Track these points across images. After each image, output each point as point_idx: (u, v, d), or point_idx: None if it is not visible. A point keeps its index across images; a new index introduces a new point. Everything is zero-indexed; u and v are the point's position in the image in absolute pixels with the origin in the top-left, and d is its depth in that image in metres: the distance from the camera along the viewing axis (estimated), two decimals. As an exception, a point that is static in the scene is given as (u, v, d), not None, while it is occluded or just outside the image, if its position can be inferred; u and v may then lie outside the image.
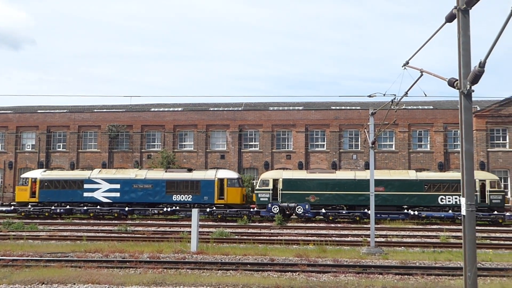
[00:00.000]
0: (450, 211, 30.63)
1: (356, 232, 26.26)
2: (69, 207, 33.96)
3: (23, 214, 33.70)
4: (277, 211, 31.18)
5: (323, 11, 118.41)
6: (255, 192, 33.43)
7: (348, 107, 44.06)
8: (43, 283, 12.77)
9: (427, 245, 20.63)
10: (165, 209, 32.91)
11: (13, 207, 34.95)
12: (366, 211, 30.35)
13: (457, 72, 7.16)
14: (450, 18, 7.91)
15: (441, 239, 22.69)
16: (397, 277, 13.98)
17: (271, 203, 31.83)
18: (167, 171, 35.12)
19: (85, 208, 33.76)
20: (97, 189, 34.20)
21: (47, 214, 33.53)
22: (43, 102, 51.93)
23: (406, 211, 30.93)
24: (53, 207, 33.84)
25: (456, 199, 30.57)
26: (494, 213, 30.05)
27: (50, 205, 34.19)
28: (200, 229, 21.84)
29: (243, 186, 35.43)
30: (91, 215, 33.49)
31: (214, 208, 32.81)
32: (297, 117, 43.10)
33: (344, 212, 31.41)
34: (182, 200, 33.37)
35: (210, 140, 44.00)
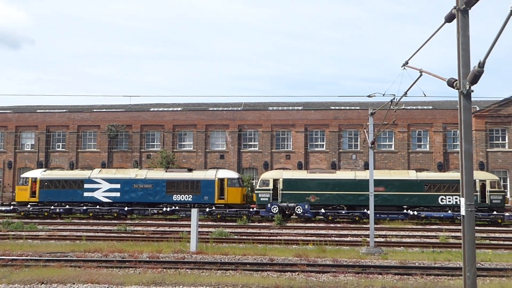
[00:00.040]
0: (449, 211, 30.67)
1: (355, 232, 26.27)
2: (68, 207, 33.97)
3: (22, 213, 33.70)
4: (277, 211, 31.19)
5: (323, 11, 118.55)
6: (255, 192, 33.42)
7: (347, 107, 44.10)
8: (43, 283, 12.76)
9: (427, 245, 20.63)
10: (164, 209, 32.92)
11: (12, 207, 34.94)
12: (365, 211, 30.37)
13: (456, 72, 7.17)
14: (449, 18, 7.92)
15: (441, 239, 22.71)
16: (396, 277, 13.98)
17: (270, 203, 31.84)
18: (167, 171, 35.12)
19: (84, 208, 33.77)
20: (97, 189, 34.19)
21: (46, 214, 33.54)
22: (42, 102, 51.97)
23: (405, 211, 30.96)
24: (53, 207, 33.85)
25: (456, 199, 30.58)
26: (493, 213, 30.09)
27: (50, 205, 34.20)
28: (199, 229, 21.84)
29: (243, 186, 35.44)
30: (91, 215, 33.48)
31: (214, 208, 32.83)
32: (297, 117, 43.12)
33: (343, 212, 31.43)
34: (182, 200, 33.37)
35: (209, 140, 44.01)
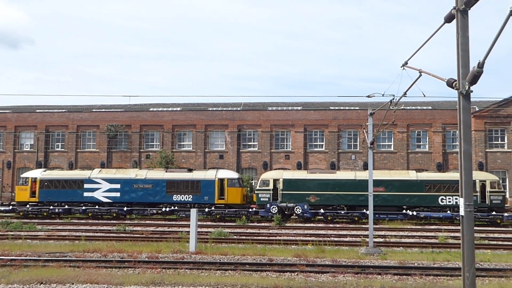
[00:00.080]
0: (449, 212, 30.68)
1: (354, 232, 26.27)
2: (67, 206, 33.95)
3: (21, 213, 33.68)
4: (276, 211, 31.18)
5: (323, 11, 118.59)
6: (256, 192, 33.42)
7: (347, 107, 44.10)
8: (42, 283, 12.75)
9: (426, 245, 20.64)
10: (163, 209, 32.90)
11: (11, 207, 34.91)
12: (364, 211, 30.38)
13: (455, 72, 7.18)
14: (449, 18, 7.92)
15: (440, 240, 22.72)
16: (395, 277, 13.99)
17: (270, 203, 31.84)
18: (167, 171, 35.10)
19: (83, 208, 33.74)
20: (97, 189, 34.17)
21: (45, 214, 33.51)
22: (41, 101, 51.94)
23: (404, 211, 30.98)
24: (52, 207, 33.82)
25: (456, 199, 30.60)
26: (492, 213, 30.11)
27: (50, 205, 34.16)
28: (198, 229, 21.83)
29: (244, 186, 35.40)
30: (90, 215, 33.46)
31: (213, 208, 32.80)
32: (296, 117, 43.12)
33: (342, 212, 31.43)
34: (182, 200, 33.34)
35: (208, 140, 44.00)
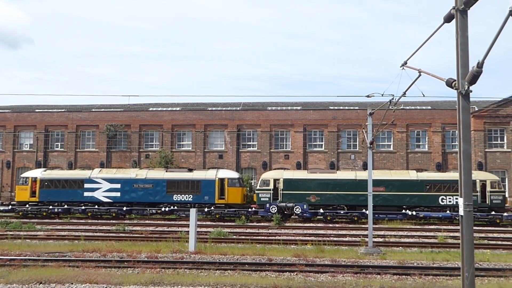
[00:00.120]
0: (448, 211, 30.69)
1: (354, 232, 26.27)
2: (66, 206, 33.92)
3: (21, 213, 33.66)
4: (275, 211, 31.19)
5: (323, 11, 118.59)
6: (256, 192, 33.43)
7: (346, 107, 44.11)
8: (41, 283, 12.75)
9: (425, 245, 20.65)
10: (163, 209, 32.88)
11: (11, 207, 34.89)
12: (364, 211, 30.37)
13: (455, 72, 7.18)
14: (448, 18, 7.92)
15: (439, 239, 22.73)
16: (395, 277, 14.00)
17: (269, 203, 31.84)
18: (167, 170, 35.07)
19: (83, 207, 33.73)
20: (98, 188, 34.14)
21: (44, 213, 33.48)
22: (41, 101, 51.91)
23: (404, 211, 30.98)
24: (51, 207, 33.80)
25: (457, 199, 30.60)
26: (492, 213, 30.11)
27: (50, 204, 34.13)
28: (198, 229, 21.84)
29: (244, 186, 35.37)
30: (89, 214, 33.44)
31: (212, 208, 32.78)
32: (295, 117, 43.12)
33: (342, 212, 31.44)
34: (182, 200, 33.33)
35: (208, 140, 43.99)
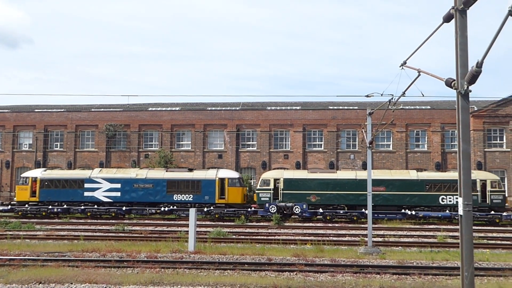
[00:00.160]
0: (447, 211, 30.70)
1: (353, 232, 26.28)
2: (66, 206, 33.91)
3: (20, 213, 33.64)
4: (275, 210, 31.20)
5: (323, 11, 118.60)
6: (256, 191, 33.45)
7: (345, 107, 44.11)
8: (40, 283, 12.74)
9: (425, 245, 20.67)
10: (162, 209, 32.86)
11: (10, 207, 34.87)
12: (363, 210, 30.38)
13: (454, 72, 7.18)
14: (447, 18, 7.92)
15: (439, 239, 22.76)
16: (394, 276, 14.00)
17: (269, 202, 31.86)
18: (168, 170, 35.04)
19: (82, 207, 33.71)
20: (98, 188, 34.12)
21: (44, 213, 33.47)
22: (40, 101, 51.89)
23: (403, 210, 30.99)
24: (51, 207, 33.78)
25: (457, 199, 30.59)
26: (491, 213, 30.12)
27: (50, 204, 34.10)
28: (197, 229, 21.84)
29: (244, 185, 35.36)
30: (89, 214, 33.43)
31: (211, 208, 32.76)
32: (295, 117, 43.12)
33: (341, 212, 31.45)
34: (183, 200, 33.31)
35: (207, 139, 43.98)
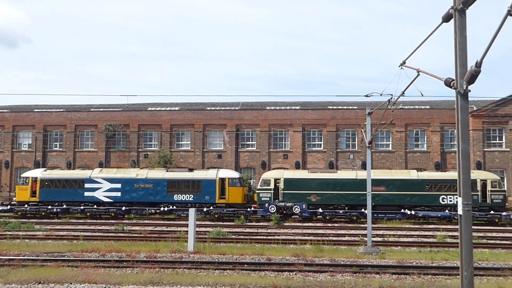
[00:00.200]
0: (447, 211, 30.71)
1: (353, 231, 26.29)
2: (65, 206, 33.89)
3: (19, 213, 33.62)
4: (274, 210, 31.20)
5: (323, 11, 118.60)
6: (257, 191, 33.46)
7: (345, 107, 44.11)
8: (40, 283, 12.74)
9: (424, 244, 20.67)
10: (162, 209, 32.85)
11: (9, 207, 34.84)
12: (363, 210, 30.39)
13: (453, 72, 7.19)
14: (446, 18, 7.92)
15: (438, 239, 22.77)
16: (394, 276, 14.01)
17: (268, 202, 31.87)
18: (168, 170, 35.00)
19: (81, 207, 33.69)
20: (98, 188, 34.10)
21: (43, 213, 33.44)
22: (40, 101, 51.83)
23: (403, 210, 30.99)
24: (50, 207, 33.75)
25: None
26: (490, 212, 30.14)
27: (50, 204, 34.09)
28: (197, 229, 21.84)
29: (245, 185, 35.34)
30: (88, 214, 33.41)
31: (211, 208, 32.75)
32: (294, 117, 43.13)
33: (341, 211, 31.46)
34: (183, 200, 33.29)
35: (207, 139, 43.97)
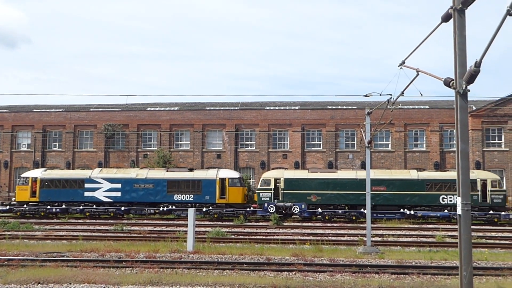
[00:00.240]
0: (446, 211, 30.73)
1: (352, 231, 26.29)
2: (65, 206, 33.86)
3: (18, 213, 33.59)
4: (274, 210, 31.19)
5: (323, 11, 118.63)
6: (257, 191, 33.46)
7: (344, 107, 44.11)
8: (39, 283, 12.73)
9: (423, 244, 20.68)
10: (161, 209, 32.83)
11: (8, 207, 34.81)
12: (363, 210, 30.39)
13: (453, 71, 7.19)
14: (446, 18, 7.93)
15: (437, 239, 22.78)
16: (393, 276, 14.02)
17: (267, 202, 31.87)
18: (168, 170, 34.97)
19: (80, 207, 33.66)
20: (98, 188, 34.08)
21: (42, 213, 33.41)
22: (39, 101, 51.80)
23: (402, 210, 31.01)
24: (49, 207, 33.72)
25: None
26: (490, 212, 30.15)
27: (50, 204, 34.06)
28: (196, 229, 21.83)
29: (245, 185, 35.33)
30: (87, 214, 33.39)
31: (210, 208, 32.73)
32: (294, 117, 43.12)
33: (340, 211, 31.46)
34: (183, 199, 33.27)
35: (206, 139, 43.94)
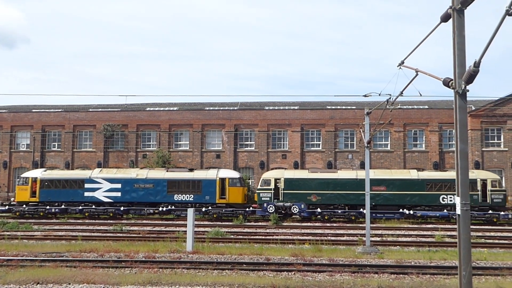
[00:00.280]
0: (445, 211, 30.74)
1: (351, 231, 26.30)
2: (64, 206, 33.83)
3: (18, 214, 33.56)
4: (273, 210, 31.19)
5: (323, 11, 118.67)
6: (257, 191, 33.48)
7: (343, 107, 44.12)
8: (38, 283, 12.72)
9: (423, 244, 20.70)
10: (160, 209, 32.81)
11: (7, 207, 34.78)
12: (362, 210, 30.41)
13: (452, 71, 7.19)
14: (445, 18, 7.93)
15: (436, 238, 22.80)
16: (392, 276, 14.02)
17: (267, 202, 31.88)
18: (168, 170, 34.95)
19: (80, 207, 33.64)
20: (98, 188, 34.06)
21: (42, 214, 33.38)
22: (38, 101, 51.78)
23: (401, 210, 31.02)
24: (49, 207, 33.70)
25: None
26: (489, 212, 30.17)
27: (50, 204, 34.04)
28: (196, 229, 21.83)
29: (245, 185, 35.30)
30: (87, 214, 33.36)
31: (210, 208, 32.72)
32: (293, 117, 43.12)
33: (340, 211, 31.47)
34: (183, 200, 33.26)
35: (205, 139, 43.94)
